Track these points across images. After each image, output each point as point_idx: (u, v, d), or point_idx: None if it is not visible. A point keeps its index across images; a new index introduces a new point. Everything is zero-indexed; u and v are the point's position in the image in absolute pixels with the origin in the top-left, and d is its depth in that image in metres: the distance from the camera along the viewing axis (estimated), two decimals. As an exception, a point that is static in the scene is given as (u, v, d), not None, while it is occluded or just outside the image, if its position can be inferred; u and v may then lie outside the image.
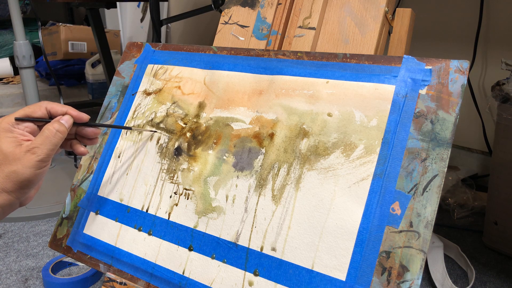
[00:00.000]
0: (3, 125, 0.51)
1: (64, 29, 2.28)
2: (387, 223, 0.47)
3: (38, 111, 0.54)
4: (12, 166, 0.49)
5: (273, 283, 0.50)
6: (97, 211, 0.65)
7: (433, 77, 0.51)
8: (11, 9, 1.16)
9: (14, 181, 0.50)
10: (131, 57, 0.74)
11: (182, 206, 0.59)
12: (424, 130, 0.49)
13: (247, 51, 0.64)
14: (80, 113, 0.56)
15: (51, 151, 0.51)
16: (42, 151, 0.50)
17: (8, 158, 0.50)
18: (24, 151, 0.50)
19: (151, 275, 0.57)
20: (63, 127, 0.53)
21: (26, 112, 0.53)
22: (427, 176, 0.47)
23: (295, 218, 0.51)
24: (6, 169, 0.49)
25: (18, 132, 0.52)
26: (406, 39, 0.64)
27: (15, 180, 0.50)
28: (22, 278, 0.86)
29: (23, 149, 0.50)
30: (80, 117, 0.56)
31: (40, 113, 0.54)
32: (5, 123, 0.52)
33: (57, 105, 0.55)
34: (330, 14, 0.67)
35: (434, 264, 0.88)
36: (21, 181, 0.50)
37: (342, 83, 0.55)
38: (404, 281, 0.44)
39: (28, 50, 1.21)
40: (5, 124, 0.51)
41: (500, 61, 0.91)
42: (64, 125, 0.53)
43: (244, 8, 0.73)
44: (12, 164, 0.49)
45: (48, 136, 0.51)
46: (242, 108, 0.61)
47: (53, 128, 0.52)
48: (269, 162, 0.55)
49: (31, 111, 0.53)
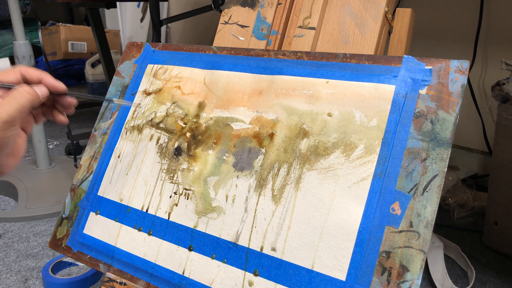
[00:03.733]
0: None
1: (64, 29, 2.28)
2: (387, 223, 0.47)
3: (11, 74, 0.51)
4: None
5: (273, 283, 0.50)
6: (97, 211, 0.65)
7: (433, 77, 0.51)
8: (11, 9, 1.16)
9: None
10: (131, 57, 0.74)
11: (182, 206, 0.59)
12: (424, 130, 0.49)
13: (247, 51, 0.64)
14: (55, 82, 0.52)
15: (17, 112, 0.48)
16: (6, 112, 0.47)
17: None
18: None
19: (151, 275, 0.57)
20: (33, 91, 0.50)
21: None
22: (427, 176, 0.47)
23: (295, 218, 0.51)
24: None
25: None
26: (406, 39, 0.64)
27: None
28: (22, 278, 0.86)
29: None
30: (55, 87, 0.52)
31: (13, 76, 0.51)
32: None
33: (33, 70, 0.52)
34: (330, 14, 0.67)
35: (434, 264, 0.88)
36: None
37: (342, 83, 0.55)
38: (404, 281, 0.44)
39: (28, 50, 1.22)
40: None
41: (500, 61, 0.91)
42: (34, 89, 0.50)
43: (244, 8, 0.73)
44: None
45: (15, 96, 0.48)
46: (242, 108, 0.61)
47: (22, 90, 0.49)
48: (269, 162, 0.55)
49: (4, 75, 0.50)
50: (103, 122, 0.71)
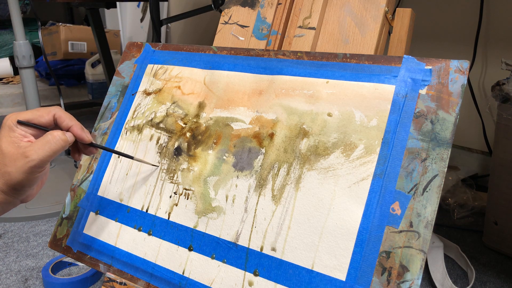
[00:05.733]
0: (8, 122, 0.50)
1: (64, 29, 2.28)
2: (387, 223, 0.47)
3: (45, 116, 0.52)
4: (7, 167, 0.48)
5: (273, 283, 0.50)
6: (97, 211, 0.65)
7: (433, 77, 0.51)
8: (11, 9, 1.16)
9: (7, 183, 0.49)
10: (131, 57, 0.74)
11: (182, 206, 0.59)
12: (424, 130, 0.49)
13: (247, 51, 0.64)
14: (83, 133, 0.54)
15: (48, 157, 0.49)
16: (37, 156, 0.49)
17: (5, 158, 0.49)
18: (20, 153, 0.48)
19: (151, 275, 0.57)
20: (67, 139, 0.51)
21: (34, 115, 0.52)
22: (427, 176, 0.47)
23: (295, 218, 0.51)
24: (3, 169, 0.48)
25: (19, 132, 0.50)
26: (406, 39, 0.64)
27: (8, 182, 0.49)
28: (22, 278, 0.86)
29: (20, 150, 0.49)
30: (82, 138, 0.54)
31: (47, 118, 0.52)
32: (10, 121, 0.50)
33: (66, 116, 0.53)
34: (330, 14, 0.67)
35: (434, 264, 0.88)
36: (13, 184, 0.49)
37: (342, 83, 0.55)
38: (404, 281, 0.44)
39: (28, 50, 1.21)
40: (10, 122, 0.50)
41: (500, 61, 0.91)
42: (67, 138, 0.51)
43: (244, 8, 0.73)
44: (7, 165, 0.48)
45: (49, 141, 0.50)
46: (242, 108, 0.61)
47: (57, 135, 0.50)
48: (269, 162, 0.55)
49: (38, 115, 0.52)
50: (103, 122, 0.71)
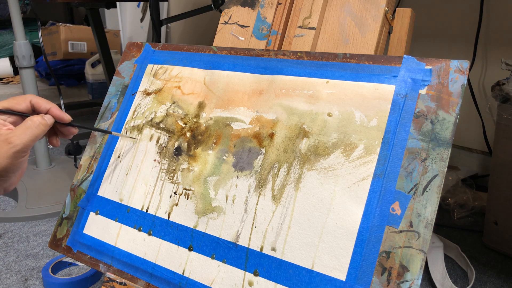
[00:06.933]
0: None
1: (64, 29, 2.28)
2: (387, 223, 0.47)
3: (22, 103, 0.54)
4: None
5: (273, 283, 0.50)
6: (97, 211, 0.65)
7: (433, 77, 0.51)
8: (11, 9, 1.16)
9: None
10: (131, 57, 0.74)
11: (182, 206, 0.59)
12: (424, 130, 0.49)
13: (247, 51, 0.64)
14: (62, 113, 0.56)
15: (30, 142, 0.51)
16: (20, 141, 0.50)
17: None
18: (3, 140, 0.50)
19: (151, 275, 0.57)
20: (46, 122, 0.53)
21: (10, 104, 0.53)
22: (427, 176, 0.47)
23: (295, 218, 0.51)
24: None
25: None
26: (406, 39, 0.64)
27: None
28: (22, 278, 0.86)
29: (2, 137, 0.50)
30: (62, 117, 0.56)
31: (24, 105, 0.54)
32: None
33: (42, 100, 0.55)
34: (330, 14, 0.67)
35: (434, 264, 0.88)
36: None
37: (342, 83, 0.55)
38: (404, 281, 0.44)
39: (28, 50, 1.21)
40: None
41: (500, 61, 0.91)
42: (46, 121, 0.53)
43: (244, 8, 0.73)
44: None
45: (30, 126, 0.51)
46: (242, 108, 0.61)
47: (36, 120, 0.52)
48: (269, 162, 0.55)
49: (15, 103, 0.54)
50: (103, 122, 0.71)
